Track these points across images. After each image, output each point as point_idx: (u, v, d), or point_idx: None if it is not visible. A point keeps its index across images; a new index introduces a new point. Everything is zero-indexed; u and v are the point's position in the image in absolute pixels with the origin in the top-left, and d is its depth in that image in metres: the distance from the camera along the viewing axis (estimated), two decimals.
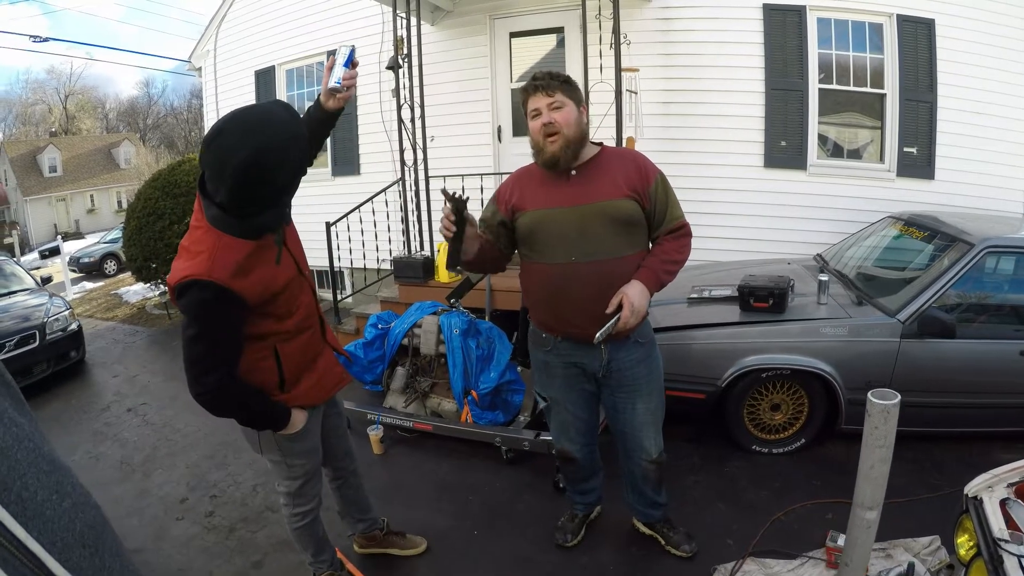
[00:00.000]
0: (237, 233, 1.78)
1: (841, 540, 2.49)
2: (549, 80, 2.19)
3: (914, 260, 3.95)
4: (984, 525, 1.89)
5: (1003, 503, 1.95)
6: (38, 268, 14.89)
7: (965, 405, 3.29)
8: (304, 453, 2.23)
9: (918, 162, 5.35)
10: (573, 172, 2.25)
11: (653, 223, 2.25)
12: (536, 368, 2.56)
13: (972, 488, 2.08)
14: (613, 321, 2.07)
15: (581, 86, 5.21)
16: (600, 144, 2.35)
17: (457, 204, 2.04)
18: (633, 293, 2.09)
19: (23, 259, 22.17)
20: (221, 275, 1.75)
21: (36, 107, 42.00)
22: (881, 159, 5.48)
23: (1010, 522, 1.88)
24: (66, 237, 18.66)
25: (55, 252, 13.73)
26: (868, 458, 1.83)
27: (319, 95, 2.03)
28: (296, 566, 2.78)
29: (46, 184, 33.05)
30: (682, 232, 2.26)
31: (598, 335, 2.05)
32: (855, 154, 5.69)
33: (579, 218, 2.20)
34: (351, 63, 2.00)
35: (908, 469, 3.26)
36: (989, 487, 2.05)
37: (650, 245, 2.31)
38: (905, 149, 5.35)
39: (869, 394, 1.70)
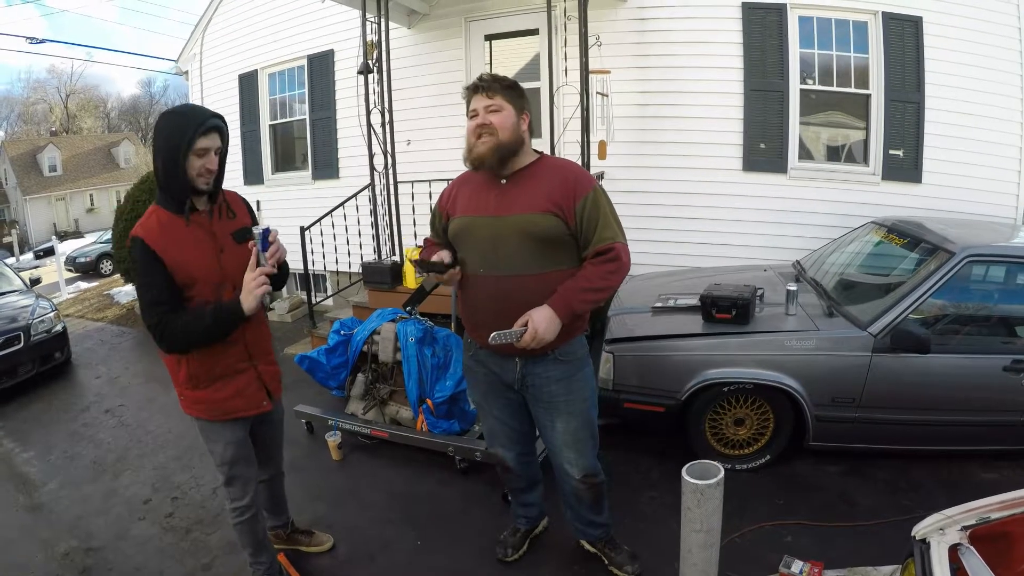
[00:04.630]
0: (161, 201, 2.17)
1: (795, 566, 2.37)
2: (491, 82, 2.15)
3: (894, 268, 3.83)
4: (927, 574, 1.71)
5: (954, 549, 1.76)
6: (35, 268, 14.93)
7: (944, 423, 3.16)
8: (219, 457, 2.40)
9: (904, 165, 5.21)
10: (504, 181, 2.18)
11: (580, 242, 2.15)
12: (464, 371, 2.58)
13: (920, 530, 1.90)
14: (514, 332, 2.02)
15: (547, 89, 5.21)
16: (541, 153, 2.27)
17: (437, 269, 2.19)
18: (539, 319, 2.02)
19: (21, 258, 22.34)
20: (144, 233, 2.10)
21: (37, 106, 42.35)
22: (866, 162, 5.35)
23: (959, 571, 1.69)
24: (65, 236, 18.80)
25: (50, 252, 13.78)
26: (686, 542, 1.61)
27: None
28: (242, 568, 2.80)
29: (46, 183, 33.31)
30: (610, 256, 2.10)
31: (492, 336, 2.01)
32: (838, 157, 5.56)
33: (495, 230, 2.15)
34: (267, 245, 2.18)
35: (879, 489, 3.17)
36: (940, 529, 1.85)
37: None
38: (891, 151, 5.21)
39: (684, 470, 1.50)
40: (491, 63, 6.10)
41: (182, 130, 2.06)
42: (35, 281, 7.87)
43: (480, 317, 2.23)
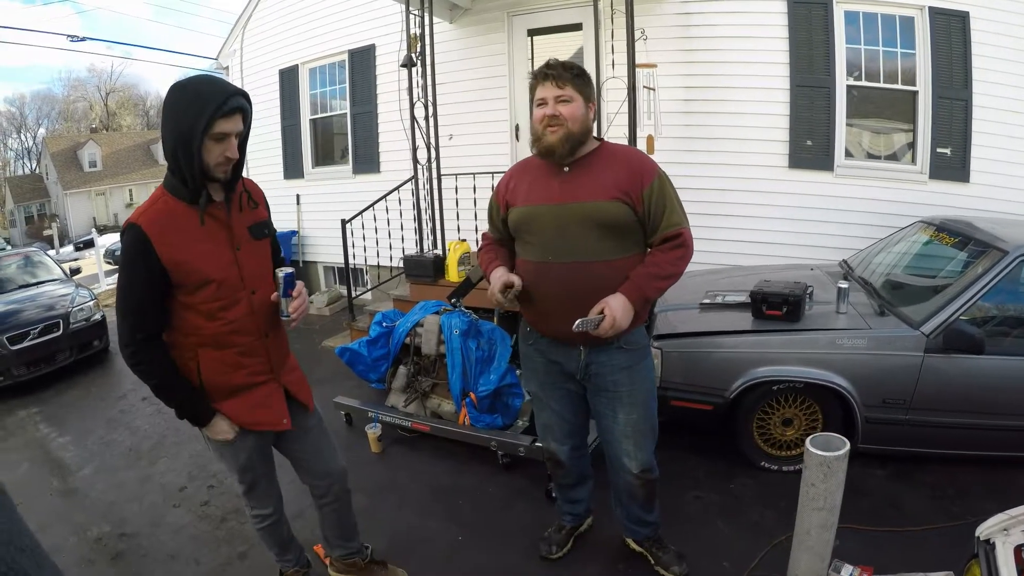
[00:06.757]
0: (170, 186, 1.84)
1: (845, 570, 2.33)
2: (562, 71, 2.08)
3: (944, 268, 3.71)
4: (993, 575, 1.69)
5: (1019, 549, 1.72)
6: (75, 259, 15.31)
7: (995, 427, 3.05)
8: (232, 465, 2.14)
9: (952, 164, 5.07)
10: (566, 168, 2.15)
11: (648, 228, 2.12)
12: (522, 361, 2.51)
13: (984, 530, 1.86)
14: (595, 319, 1.99)
15: (594, 82, 5.14)
16: (600, 140, 2.24)
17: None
18: (616, 306, 1.99)
19: (61, 251, 22.91)
20: (144, 221, 1.79)
21: (77, 104, 43.39)
22: (913, 160, 5.21)
23: None
24: (104, 230, 19.18)
25: (90, 245, 14.12)
26: (804, 522, 1.50)
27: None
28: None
29: (86, 178, 34.20)
30: (678, 242, 2.08)
31: (577, 323, 1.97)
32: (885, 155, 5.42)
33: (560, 217, 2.11)
34: (289, 291, 1.99)
35: (926, 495, 3.08)
36: (1004, 530, 1.81)
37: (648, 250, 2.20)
38: (938, 150, 5.07)
39: (808, 441, 1.44)
40: (533, 58, 6.07)
41: (199, 110, 1.72)
42: (75, 271, 8.00)
43: (548, 306, 2.19)
